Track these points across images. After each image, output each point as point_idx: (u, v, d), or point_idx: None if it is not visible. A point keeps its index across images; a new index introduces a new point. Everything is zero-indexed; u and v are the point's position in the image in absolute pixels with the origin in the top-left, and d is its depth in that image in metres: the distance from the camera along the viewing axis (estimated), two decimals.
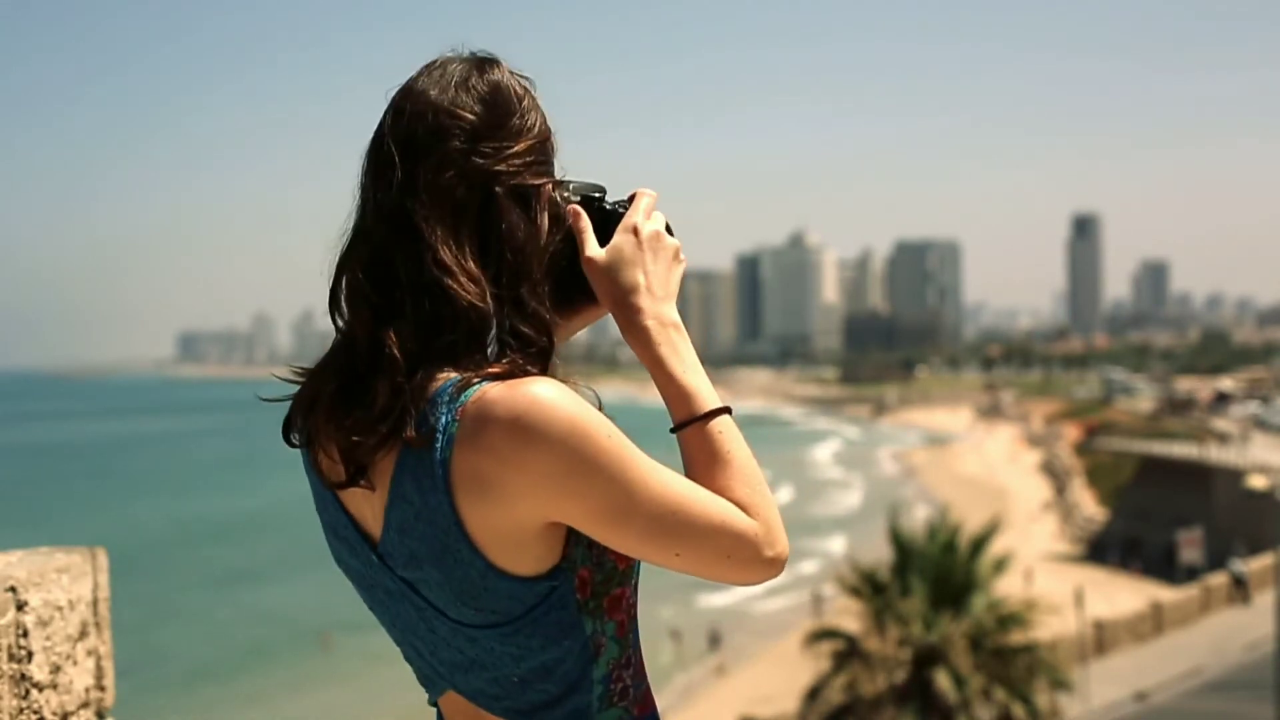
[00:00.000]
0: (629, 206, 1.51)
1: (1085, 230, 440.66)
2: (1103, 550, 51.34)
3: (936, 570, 21.72)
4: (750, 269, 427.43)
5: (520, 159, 1.39)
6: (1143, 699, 27.22)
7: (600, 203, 1.52)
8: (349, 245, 1.40)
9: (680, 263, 1.51)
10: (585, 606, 1.36)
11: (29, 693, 2.17)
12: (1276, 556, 28.19)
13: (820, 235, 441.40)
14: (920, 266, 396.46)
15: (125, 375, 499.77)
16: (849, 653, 21.26)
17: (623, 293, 1.45)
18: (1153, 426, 77.03)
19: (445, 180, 1.36)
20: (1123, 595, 39.45)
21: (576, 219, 1.48)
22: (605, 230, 1.49)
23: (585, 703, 1.38)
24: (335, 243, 1.41)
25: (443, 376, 1.32)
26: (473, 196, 1.37)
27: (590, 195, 1.51)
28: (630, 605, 1.42)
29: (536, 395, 1.27)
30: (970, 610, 21.35)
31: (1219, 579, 36.67)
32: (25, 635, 2.16)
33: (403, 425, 1.29)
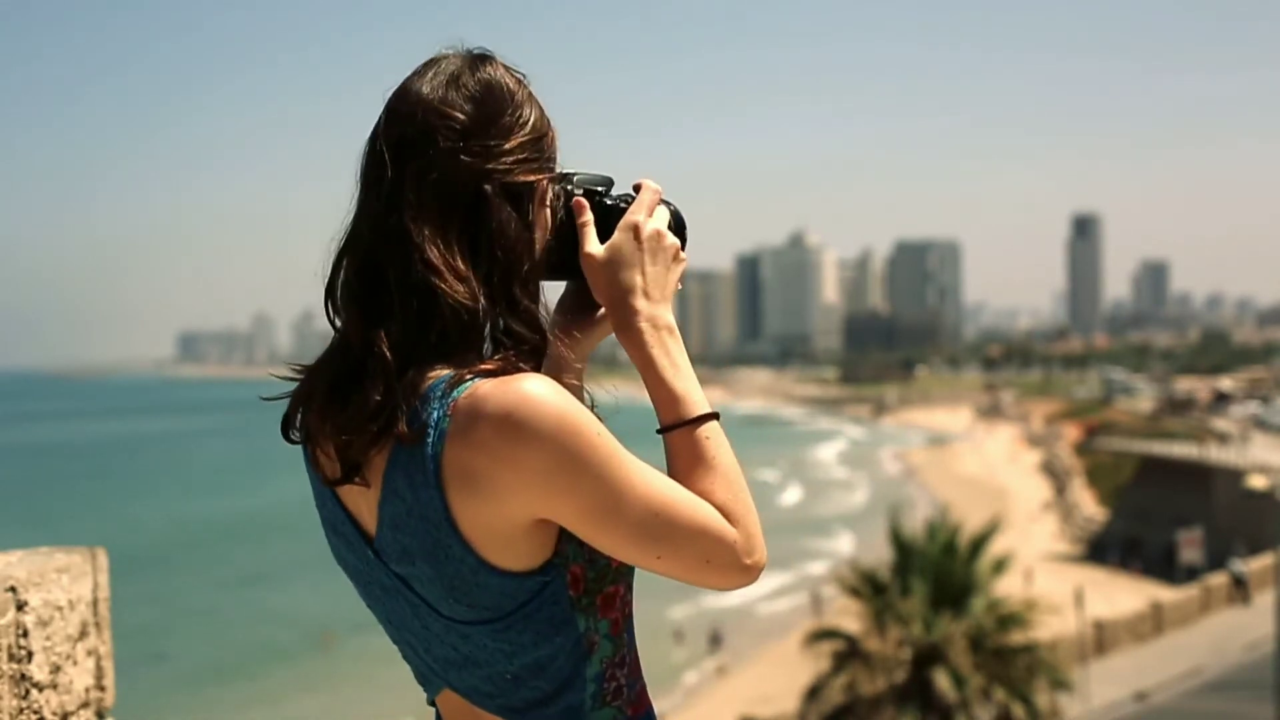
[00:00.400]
0: (631, 202, 1.50)
1: (1085, 230, 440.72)
2: (1103, 550, 51.30)
3: (936, 570, 21.70)
4: (750, 269, 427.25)
5: (512, 156, 1.39)
6: (1143, 699, 27.20)
7: (603, 197, 1.50)
8: (343, 245, 1.40)
9: (680, 263, 1.51)
10: (578, 603, 1.36)
11: (29, 693, 2.17)
12: (1276, 556, 28.18)
13: (820, 235, 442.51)
14: (920, 266, 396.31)
15: (125, 375, 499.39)
16: (849, 653, 21.24)
17: (619, 293, 1.45)
18: (1153, 426, 77.03)
19: (433, 180, 1.36)
20: (1123, 595, 39.40)
21: (580, 211, 1.48)
22: (607, 225, 1.48)
23: (578, 700, 1.38)
24: (333, 242, 1.42)
25: (434, 374, 1.32)
26: (462, 195, 1.36)
27: (593, 189, 1.50)
28: (625, 604, 1.41)
29: (528, 391, 1.27)
30: (970, 610, 21.32)
31: (1219, 579, 36.64)
32: (25, 635, 2.16)
33: (394, 422, 1.30)
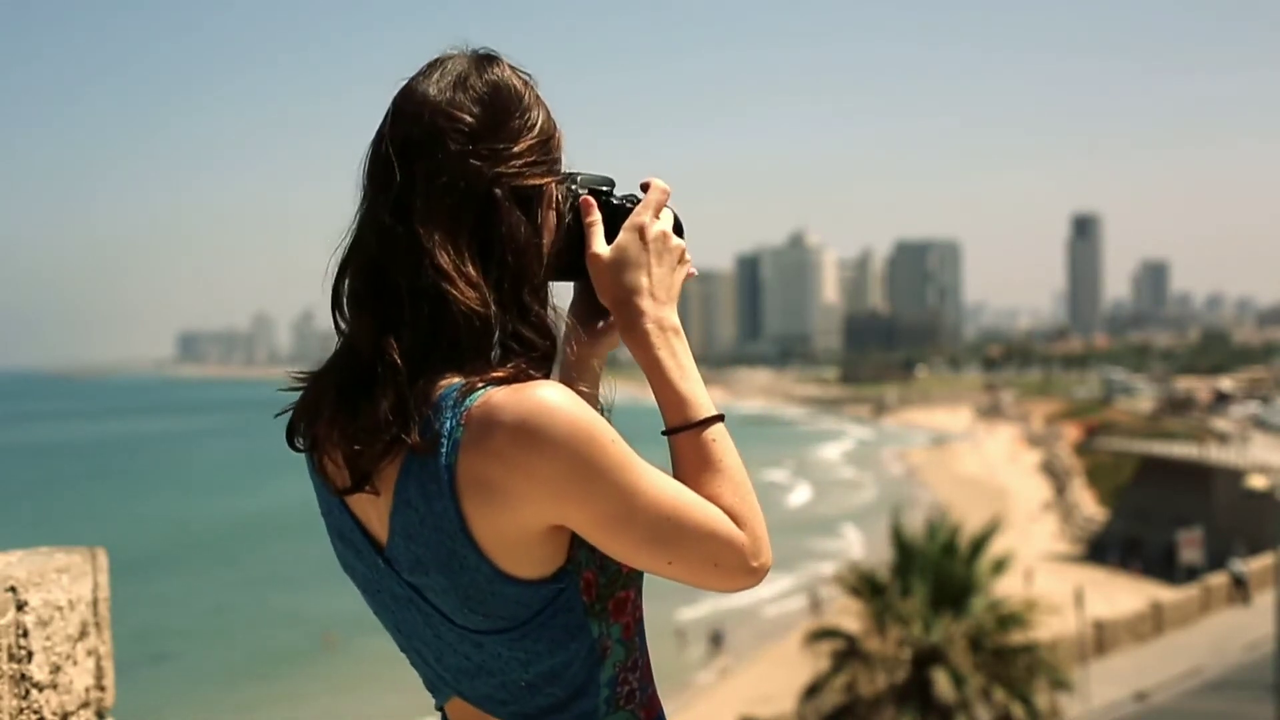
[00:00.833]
0: (637, 202, 1.49)
1: (1085, 230, 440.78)
2: (1103, 550, 51.31)
3: (937, 570, 21.70)
4: (750, 269, 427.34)
5: (521, 159, 1.37)
6: (1143, 699, 27.21)
7: (608, 197, 1.50)
8: (350, 249, 1.38)
9: (685, 264, 1.50)
10: (591, 609, 1.35)
11: (29, 693, 2.16)
12: (1276, 556, 28.23)
13: (820, 235, 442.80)
14: (920, 266, 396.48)
15: (125, 375, 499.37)
16: (849, 653, 21.24)
17: (624, 294, 1.44)
18: (1153, 426, 77.07)
19: (442, 183, 1.33)
20: (1123, 595, 39.40)
21: (588, 211, 1.47)
22: (612, 226, 1.47)
23: (592, 706, 1.37)
24: (337, 243, 1.40)
25: (445, 382, 1.30)
26: (472, 200, 1.34)
27: (598, 189, 1.49)
28: (636, 608, 1.41)
29: (542, 399, 1.26)
30: (970, 610, 21.33)
31: (1219, 579, 36.64)
32: (25, 635, 2.16)
33: (406, 432, 1.28)
